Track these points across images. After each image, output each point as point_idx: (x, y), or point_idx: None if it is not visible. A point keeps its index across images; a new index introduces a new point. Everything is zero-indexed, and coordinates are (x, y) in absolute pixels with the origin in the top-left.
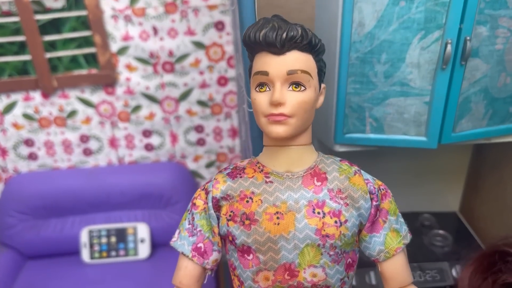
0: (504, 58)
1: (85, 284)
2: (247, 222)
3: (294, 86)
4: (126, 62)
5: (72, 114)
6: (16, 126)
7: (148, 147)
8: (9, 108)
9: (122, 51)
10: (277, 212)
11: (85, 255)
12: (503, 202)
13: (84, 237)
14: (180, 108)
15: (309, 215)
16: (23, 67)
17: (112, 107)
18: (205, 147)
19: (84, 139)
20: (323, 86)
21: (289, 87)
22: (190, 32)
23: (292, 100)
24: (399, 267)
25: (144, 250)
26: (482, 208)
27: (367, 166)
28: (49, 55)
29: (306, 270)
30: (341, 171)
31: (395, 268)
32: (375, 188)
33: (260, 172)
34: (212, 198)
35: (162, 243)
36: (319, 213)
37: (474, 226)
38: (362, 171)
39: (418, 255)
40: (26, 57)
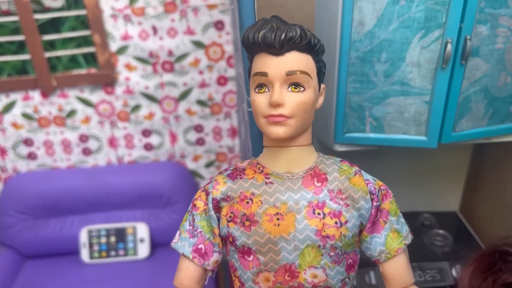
0: (505, 57)
1: (84, 284)
2: (247, 223)
3: (293, 87)
4: (126, 62)
5: (72, 113)
6: (15, 125)
7: (148, 147)
8: (8, 107)
9: (122, 50)
10: (277, 213)
11: (84, 255)
12: (503, 202)
13: (83, 237)
14: (180, 108)
15: (309, 216)
16: (22, 66)
17: (111, 106)
18: (204, 147)
19: (83, 138)
20: (322, 86)
21: (288, 88)
22: (190, 32)
23: (292, 101)
24: (401, 267)
25: (143, 250)
26: (482, 208)
27: (367, 165)
28: (48, 54)
29: (307, 271)
30: (341, 172)
31: (397, 268)
32: (375, 188)
33: (260, 173)
34: (213, 199)
35: (162, 243)
36: (319, 214)
37: (474, 225)
38: (363, 171)
39: (418, 254)
40: (25, 56)
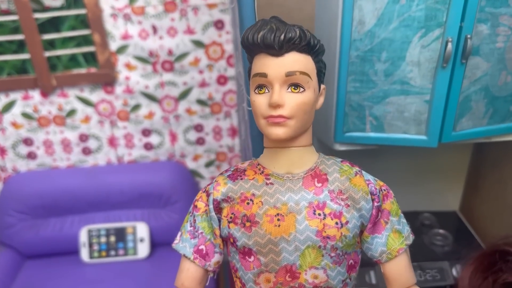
0: (505, 56)
1: (84, 283)
2: (247, 224)
3: (293, 87)
4: (126, 61)
5: (71, 113)
6: (15, 125)
7: (148, 146)
8: (8, 107)
9: (122, 50)
10: (277, 214)
11: (84, 254)
12: (503, 201)
13: (83, 236)
14: (180, 107)
15: (309, 217)
16: (22, 66)
17: (111, 106)
18: (204, 146)
19: (83, 138)
20: (322, 87)
21: (288, 88)
22: (190, 31)
23: (291, 101)
24: (402, 268)
25: (143, 250)
26: (482, 207)
27: (367, 164)
28: (48, 53)
29: (307, 272)
30: (342, 172)
31: (398, 269)
32: (376, 189)
33: (260, 173)
34: (213, 200)
35: (162, 243)
36: (319, 214)
37: (474, 225)
38: (364, 172)
39: (418, 254)
40: (25, 55)
